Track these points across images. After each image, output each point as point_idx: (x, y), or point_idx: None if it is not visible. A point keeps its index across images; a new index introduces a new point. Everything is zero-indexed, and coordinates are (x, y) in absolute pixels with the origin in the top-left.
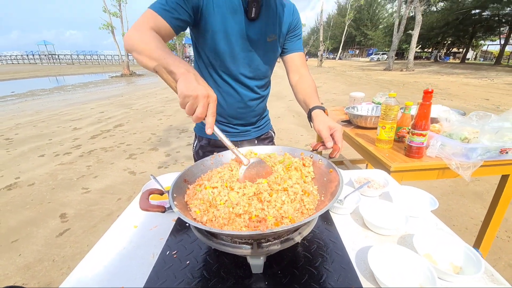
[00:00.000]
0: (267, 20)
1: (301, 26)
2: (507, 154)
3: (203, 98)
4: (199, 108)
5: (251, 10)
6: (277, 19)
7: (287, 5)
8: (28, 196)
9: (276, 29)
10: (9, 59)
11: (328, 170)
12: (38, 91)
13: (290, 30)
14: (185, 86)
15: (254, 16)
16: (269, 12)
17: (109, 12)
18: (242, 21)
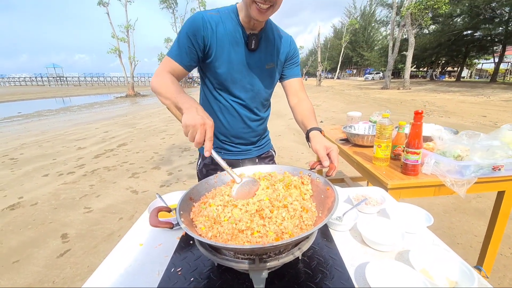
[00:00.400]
0: (266, 50)
1: (298, 54)
2: (499, 171)
3: (200, 126)
4: (197, 135)
5: (251, 42)
6: (275, 49)
7: (285, 37)
8: (31, 216)
9: (274, 58)
10: (17, 81)
11: (325, 187)
12: (45, 111)
13: (287, 58)
14: (186, 118)
15: (254, 47)
16: (267, 43)
17: (117, 38)
18: (243, 52)
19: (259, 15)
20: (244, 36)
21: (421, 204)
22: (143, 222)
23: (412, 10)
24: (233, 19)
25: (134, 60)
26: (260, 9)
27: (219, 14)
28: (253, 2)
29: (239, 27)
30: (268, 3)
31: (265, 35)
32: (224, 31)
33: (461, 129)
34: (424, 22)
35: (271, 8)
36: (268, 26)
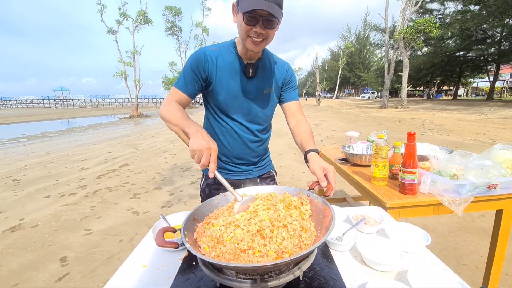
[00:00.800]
0: (263, 77)
1: (295, 79)
2: (495, 189)
3: (206, 150)
4: (203, 158)
5: (248, 71)
6: (272, 76)
7: (281, 64)
8: (31, 238)
9: (272, 83)
10: (24, 103)
11: (323, 207)
12: (50, 132)
13: (284, 84)
14: (193, 142)
15: (251, 75)
16: (264, 70)
17: (124, 62)
18: (242, 80)
19: (254, 47)
20: (242, 65)
21: (425, 224)
22: (146, 243)
23: (404, 34)
24: (232, 51)
25: (139, 82)
26: (255, 42)
27: (219, 48)
28: (248, 37)
29: (237, 58)
30: (261, 37)
31: (262, 64)
32: (224, 63)
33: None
34: (417, 45)
35: (264, 40)
36: (264, 55)
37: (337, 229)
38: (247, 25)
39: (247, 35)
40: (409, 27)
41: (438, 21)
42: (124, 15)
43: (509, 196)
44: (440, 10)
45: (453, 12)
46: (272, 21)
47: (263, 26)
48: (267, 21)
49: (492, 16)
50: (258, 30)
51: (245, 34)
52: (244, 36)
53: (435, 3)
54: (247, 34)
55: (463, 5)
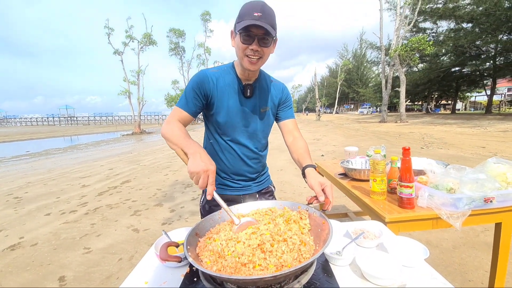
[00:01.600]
0: (260, 96)
1: (291, 98)
2: (491, 203)
3: (203, 172)
4: (200, 180)
5: (246, 91)
6: (269, 95)
7: (277, 84)
8: (30, 257)
9: (268, 102)
10: (29, 121)
11: (321, 221)
12: (53, 150)
13: (280, 103)
14: (191, 165)
15: (249, 95)
16: (261, 90)
17: (129, 81)
18: (241, 100)
19: (251, 66)
20: (240, 86)
21: (429, 239)
22: (148, 260)
23: (399, 52)
24: (231, 73)
25: (143, 100)
26: (251, 61)
27: (219, 71)
28: (245, 56)
29: (236, 79)
30: (257, 54)
31: (259, 84)
32: (224, 84)
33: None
34: (412, 62)
35: (260, 59)
36: (261, 77)
37: (337, 244)
38: (244, 44)
39: (244, 54)
40: (404, 45)
41: (432, 39)
42: (130, 37)
43: (507, 209)
44: (433, 29)
45: (446, 30)
46: (267, 40)
47: (259, 44)
48: (262, 40)
49: (485, 33)
50: (254, 48)
51: (242, 53)
52: (241, 55)
53: (427, 22)
54: (244, 53)
55: (456, 23)
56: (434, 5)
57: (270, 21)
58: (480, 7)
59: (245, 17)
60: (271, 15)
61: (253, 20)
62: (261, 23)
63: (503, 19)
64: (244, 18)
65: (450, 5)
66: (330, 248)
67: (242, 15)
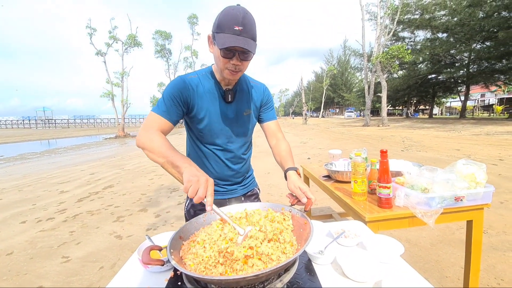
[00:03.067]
0: (241, 100)
1: (272, 99)
2: (461, 201)
3: (204, 182)
4: (201, 190)
5: (227, 96)
6: (250, 98)
7: (257, 86)
8: (6, 266)
9: (250, 105)
10: (3, 124)
11: (303, 222)
12: (29, 154)
13: (262, 104)
14: (189, 174)
15: (230, 100)
16: (242, 94)
17: (112, 83)
18: (221, 105)
19: (231, 76)
20: (221, 91)
21: (409, 238)
22: (131, 266)
23: (380, 59)
24: (210, 79)
25: (127, 102)
26: (232, 73)
27: (197, 76)
28: (225, 68)
29: (215, 85)
30: (237, 68)
31: (240, 88)
32: (203, 90)
33: (438, 162)
34: (393, 69)
35: (240, 71)
36: (241, 80)
37: (319, 244)
38: (224, 58)
39: (224, 67)
40: (384, 53)
41: (410, 47)
42: (114, 38)
43: (476, 207)
44: (412, 38)
45: (423, 39)
46: (248, 54)
47: (239, 59)
48: (242, 54)
49: (459, 42)
50: (235, 63)
51: (223, 66)
52: (222, 67)
53: (406, 32)
54: (224, 66)
55: (432, 33)
56: (412, 16)
57: (251, 34)
58: (455, 18)
59: (225, 30)
60: (252, 27)
61: (234, 36)
62: (242, 41)
63: (477, 28)
64: (224, 31)
65: (427, 16)
66: (313, 248)
67: (221, 25)
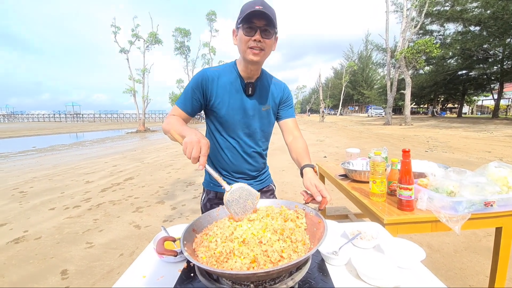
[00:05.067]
0: (261, 95)
1: (291, 98)
2: (492, 207)
3: (196, 143)
4: (193, 151)
5: (248, 89)
6: (270, 94)
7: (278, 84)
8: (33, 250)
9: (269, 101)
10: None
11: (317, 220)
12: (59, 146)
13: (281, 102)
14: (186, 138)
15: (251, 93)
16: (262, 89)
17: (134, 79)
18: (242, 97)
19: (254, 57)
20: (242, 84)
21: (431, 243)
22: (147, 255)
23: (405, 54)
24: (233, 71)
25: (147, 98)
26: (254, 52)
27: (220, 69)
28: (248, 48)
29: (238, 77)
30: (259, 46)
31: (261, 83)
32: (226, 81)
33: (466, 165)
34: (418, 64)
35: (263, 51)
36: (263, 76)
37: (334, 244)
38: (246, 36)
39: (247, 46)
40: (410, 47)
41: (439, 41)
42: (136, 36)
43: (507, 213)
44: (440, 31)
45: (454, 33)
46: (269, 31)
47: (261, 36)
48: (264, 31)
49: (493, 37)
50: (257, 38)
51: (245, 45)
52: (244, 48)
53: (434, 25)
54: (247, 45)
55: (463, 26)
56: (442, 8)
57: (271, 12)
58: (488, 11)
59: (246, 11)
60: (271, 9)
61: (254, 10)
62: (262, 11)
63: (511, 23)
64: (246, 11)
65: (458, 8)
66: (326, 248)
67: (243, 10)
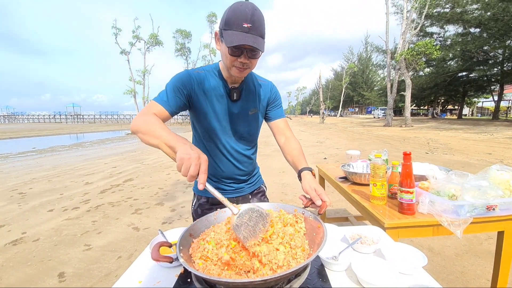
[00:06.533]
0: (248, 99)
1: (279, 98)
2: (494, 210)
3: (195, 159)
4: (192, 167)
5: (232, 94)
6: (256, 97)
7: (265, 84)
8: (31, 252)
9: (256, 104)
10: (36, 118)
11: (316, 225)
12: (59, 147)
13: (269, 103)
14: (182, 152)
15: (236, 98)
16: (248, 93)
17: (134, 81)
18: (227, 103)
19: (239, 74)
20: (226, 89)
21: (432, 246)
22: (144, 259)
23: (405, 56)
24: (216, 76)
25: (148, 100)
26: (240, 70)
27: (204, 72)
28: (233, 66)
29: (222, 82)
30: (245, 66)
31: (246, 86)
32: (209, 86)
33: (467, 167)
34: (418, 66)
35: (248, 69)
36: (248, 78)
37: (334, 249)
38: (232, 56)
39: (232, 65)
40: (410, 49)
41: (439, 43)
42: (137, 37)
43: (509, 217)
44: (440, 33)
45: (454, 34)
46: (256, 52)
47: (247, 57)
48: (251, 52)
49: (493, 38)
50: (243, 61)
51: (230, 64)
52: (229, 65)
53: (434, 27)
54: (232, 64)
55: (464, 28)
56: (442, 10)
57: (260, 31)
58: (488, 12)
59: (234, 27)
60: (260, 24)
61: (242, 34)
62: (251, 39)
63: (511, 24)
64: (233, 28)
65: (458, 9)
66: (326, 253)
67: (229, 22)
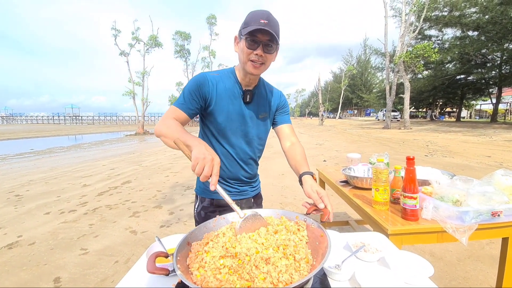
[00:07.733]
0: (259, 103)
1: (287, 105)
2: (499, 217)
3: (210, 160)
4: (206, 168)
5: (246, 96)
6: (267, 102)
7: (275, 91)
8: (27, 256)
9: (266, 108)
10: (35, 119)
11: (319, 234)
12: (57, 148)
13: (278, 108)
14: (197, 152)
15: (249, 100)
16: (260, 97)
17: (134, 82)
18: (240, 104)
19: (254, 70)
20: (240, 91)
21: (433, 251)
22: (140, 267)
23: (404, 59)
24: (231, 78)
25: (147, 101)
26: (255, 65)
27: (219, 75)
28: (248, 60)
29: (236, 84)
30: (261, 60)
31: (258, 91)
32: (224, 88)
33: (466, 169)
34: (417, 68)
35: (263, 65)
36: (260, 84)
37: (336, 257)
38: (249, 49)
39: (248, 58)
40: (408, 52)
41: (437, 46)
42: (136, 39)
43: None
44: (439, 36)
45: (452, 37)
46: (271, 46)
47: (263, 50)
48: (266, 46)
49: (491, 41)
50: (259, 53)
51: (247, 58)
52: (245, 60)
53: (433, 30)
54: (248, 57)
55: (462, 31)
56: (440, 13)
57: (275, 29)
58: (486, 16)
59: (252, 23)
60: (276, 24)
61: (259, 26)
62: (267, 27)
63: (509, 27)
64: (251, 24)
65: (456, 13)
66: (329, 261)
67: (248, 21)
